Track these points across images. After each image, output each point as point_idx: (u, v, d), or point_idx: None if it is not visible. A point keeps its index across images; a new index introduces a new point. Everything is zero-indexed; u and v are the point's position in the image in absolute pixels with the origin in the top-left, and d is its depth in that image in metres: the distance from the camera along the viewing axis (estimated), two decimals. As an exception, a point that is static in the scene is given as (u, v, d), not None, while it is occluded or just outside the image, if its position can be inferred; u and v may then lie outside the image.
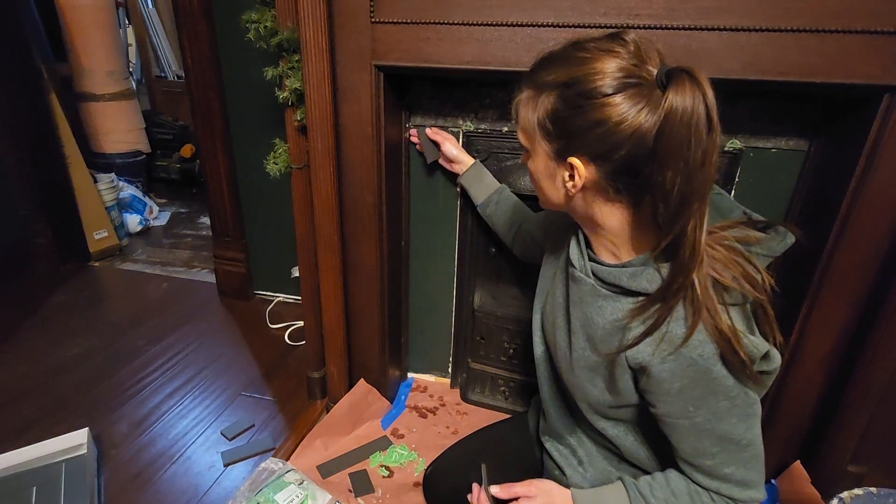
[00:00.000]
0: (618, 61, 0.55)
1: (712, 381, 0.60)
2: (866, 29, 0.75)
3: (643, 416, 0.72)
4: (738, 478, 0.66)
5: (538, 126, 0.62)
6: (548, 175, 0.65)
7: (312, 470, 1.15)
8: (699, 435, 0.64)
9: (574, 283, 0.74)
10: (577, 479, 0.85)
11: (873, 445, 1.02)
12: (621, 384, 0.69)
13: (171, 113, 3.41)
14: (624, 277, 0.65)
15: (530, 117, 0.62)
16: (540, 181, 0.67)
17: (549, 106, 0.60)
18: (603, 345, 0.69)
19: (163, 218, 2.80)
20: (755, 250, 0.64)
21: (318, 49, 0.95)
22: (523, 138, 0.66)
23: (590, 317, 0.71)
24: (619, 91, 0.54)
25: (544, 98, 0.60)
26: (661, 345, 0.61)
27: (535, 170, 0.67)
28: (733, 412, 0.62)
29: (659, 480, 0.71)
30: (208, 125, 1.65)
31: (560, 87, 0.58)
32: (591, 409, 0.79)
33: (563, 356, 0.79)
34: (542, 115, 0.61)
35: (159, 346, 1.64)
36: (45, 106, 2.03)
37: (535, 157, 0.65)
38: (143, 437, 1.27)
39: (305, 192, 1.12)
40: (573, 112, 0.57)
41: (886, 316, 0.87)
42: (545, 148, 0.63)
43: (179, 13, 1.53)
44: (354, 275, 1.20)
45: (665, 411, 0.65)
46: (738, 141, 1.01)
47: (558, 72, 0.58)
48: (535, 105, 0.61)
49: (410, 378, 1.50)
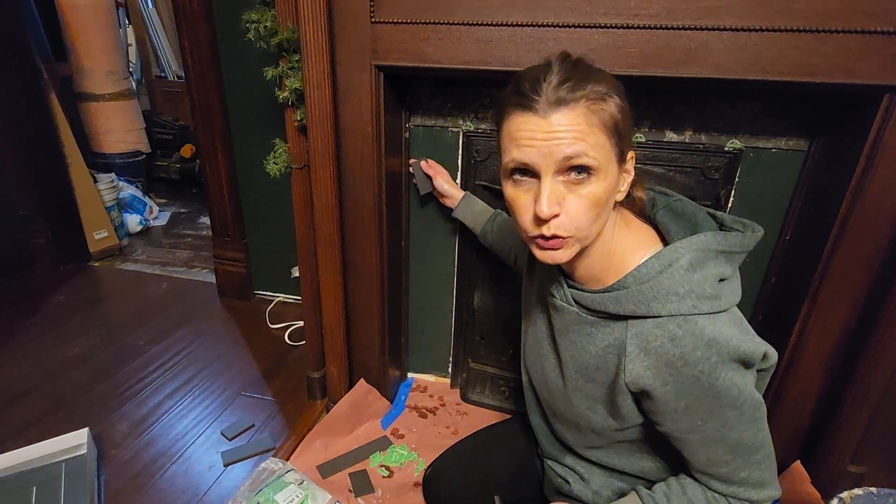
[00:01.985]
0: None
1: (716, 395, 0.60)
2: (866, 29, 0.75)
3: (649, 432, 0.71)
4: (754, 480, 0.66)
5: (615, 131, 0.57)
6: (613, 189, 0.59)
7: (312, 470, 1.15)
8: (711, 446, 0.64)
9: (556, 312, 0.73)
10: (580, 488, 0.84)
11: (873, 445, 1.02)
12: (625, 409, 0.68)
13: (171, 113, 3.41)
14: (609, 304, 0.63)
15: (606, 124, 0.57)
16: (606, 203, 0.59)
17: (612, 111, 0.57)
18: (599, 373, 0.68)
19: (163, 218, 2.80)
20: (734, 250, 0.63)
21: (318, 49, 0.95)
22: (597, 154, 0.56)
23: (580, 345, 0.69)
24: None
25: (610, 102, 0.57)
26: (661, 368, 0.60)
27: (601, 190, 0.57)
28: (741, 419, 0.62)
29: (675, 489, 0.70)
30: (208, 125, 1.65)
31: (609, 92, 0.57)
32: (590, 441, 0.79)
33: (554, 388, 0.78)
34: (608, 121, 0.57)
35: (159, 346, 1.64)
36: (45, 106, 2.03)
37: (606, 172, 0.57)
38: (143, 437, 1.27)
39: (305, 192, 1.12)
40: (626, 111, 0.59)
41: (886, 316, 0.87)
42: (615, 154, 0.58)
43: (179, 13, 1.53)
44: (354, 275, 1.20)
45: (673, 428, 0.65)
46: (738, 141, 1.01)
47: (601, 81, 0.57)
48: (605, 112, 0.56)
49: (410, 378, 1.50)
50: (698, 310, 0.58)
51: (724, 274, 0.61)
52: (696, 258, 0.60)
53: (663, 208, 0.69)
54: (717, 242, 0.61)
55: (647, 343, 0.61)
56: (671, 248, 0.61)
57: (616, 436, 0.75)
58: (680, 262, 0.60)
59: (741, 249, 0.63)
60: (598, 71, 0.59)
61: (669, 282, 0.59)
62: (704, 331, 0.57)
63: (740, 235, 0.63)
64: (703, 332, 0.57)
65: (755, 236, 0.64)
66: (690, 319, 0.58)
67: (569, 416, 0.78)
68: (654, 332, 0.60)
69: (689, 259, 0.60)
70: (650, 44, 0.83)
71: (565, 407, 0.78)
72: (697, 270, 0.60)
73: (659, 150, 1.04)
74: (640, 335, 0.61)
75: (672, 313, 0.59)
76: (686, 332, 0.58)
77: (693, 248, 0.60)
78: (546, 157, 0.56)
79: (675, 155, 1.04)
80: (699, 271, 0.60)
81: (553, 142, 0.55)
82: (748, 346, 0.59)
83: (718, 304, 0.59)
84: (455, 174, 1.22)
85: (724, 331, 0.58)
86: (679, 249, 0.60)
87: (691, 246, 0.61)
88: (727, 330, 0.58)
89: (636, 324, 0.62)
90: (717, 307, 0.59)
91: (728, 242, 0.62)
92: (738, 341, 0.58)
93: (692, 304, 0.58)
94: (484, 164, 1.17)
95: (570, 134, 0.55)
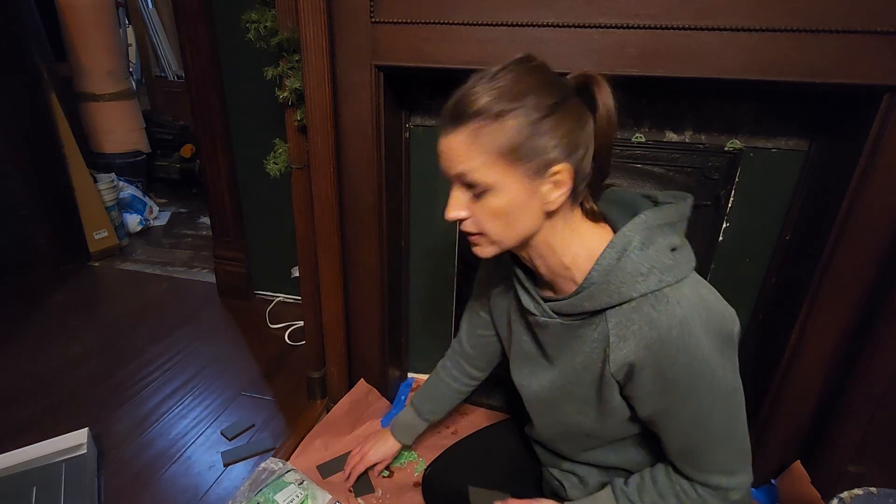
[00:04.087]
0: (545, 76, 0.60)
1: (692, 375, 0.61)
2: (866, 29, 0.75)
3: (640, 426, 0.73)
4: (725, 468, 0.67)
5: (510, 152, 0.59)
6: (523, 201, 0.61)
7: (312, 470, 1.14)
8: (686, 432, 0.66)
9: (541, 329, 0.75)
10: (577, 493, 0.85)
11: (873, 445, 1.02)
12: (613, 403, 0.69)
13: (171, 113, 3.41)
14: (585, 303, 0.65)
15: (495, 146, 0.58)
16: (511, 214, 0.62)
17: (508, 131, 0.58)
18: (587, 371, 0.70)
19: (163, 218, 2.80)
20: (673, 220, 0.65)
21: (318, 49, 0.95)
22: (483, 175, 0.60)
23: (574, 349, 0.71)
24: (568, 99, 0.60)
25: (506, 123, 0.58)
26: (640, 351, 0.62)
27: (503, 203, 0.61)
28: (716, 406, 0.63)
29: (647, 482, 0.73)
30: (208, 125, 1.65)
31: (512, 109, 0.58)
32: (584, 444, 0.80)
33: (547, 399, 0.79)
34: (502, 142, 0.58)
35: (159, 346, 1.64)
36: (45, 106, 2.03)
37: (503, 188, 0.60)
38: (143, 437, 1.27)
39: (305, 192, 1.11)
40: (539, 128, 0.58)
41: (886, 316, 0.87)
42: (521, 171, 0.60)
43: (179, 13, 1.53)
44: (354, 275, 1.20)
45: (651, 412, 0.66)
46: (738, 141, 1.01)
47: (506, 98, 0.58)
48: (498, 133, 0.58)
49: (410, 378, 1.50)
50: (665, 282, 0.60)
51: (674, 244, 0.64)
52: (645, 237, 0.62)
53: (603, 201, 0.71)
54: (657, 218, 0.64)
55: (626, 329, 0.63)
56: (620, 235, 0.63)
57: (608, 435, 0.76)
58: (633, 244, 0.62)
59: (679, 218, 0.66)
60: (521, 81, 0.59)
61: (630, 264, 0.61)
62: (676, 309, 0.59)
63: (674, 206, 0.66)
64: (676, 312, 0.59)
65: (686, 203, 0.67)
66: (660, 295, 0.60)
67: (559, 427, 0.81)
68: (632, 316, 0.62)
69: (639, 239, 0.62)
70: (650, 44, 0.83)
71: (556, 418, 0.80)
72: (650, 247, 0.62)
73: (659, 150, 1.04)
74: (620, 323, 0.63)
75: (643, 292, 0.61)
76: (661, 314, 0.60)
77: (638, 229, 0.63)
78: (446, 170, 0.63)
79: (675, 155, 1.04)
80: (652, 247, 0.62)
81: (445, 160, 0.62)
82: (720, 313, 0.62)
83: (680, 271, 0.62)
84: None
85: (693, 304, 0.60)
86: (627, 234, 0.63)
87: (636, 227, 0.63)
88: (695, 300, 0.61)
89: (614, 313, 0.64)
90: (680, 275, 0.61)
91: (666, 215, 0.65)
92: (708, 311, 0.61)
93: (657, 278, 0.60)
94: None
95: (454, 155, 0.61)
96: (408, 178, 1.25)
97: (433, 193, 1.25)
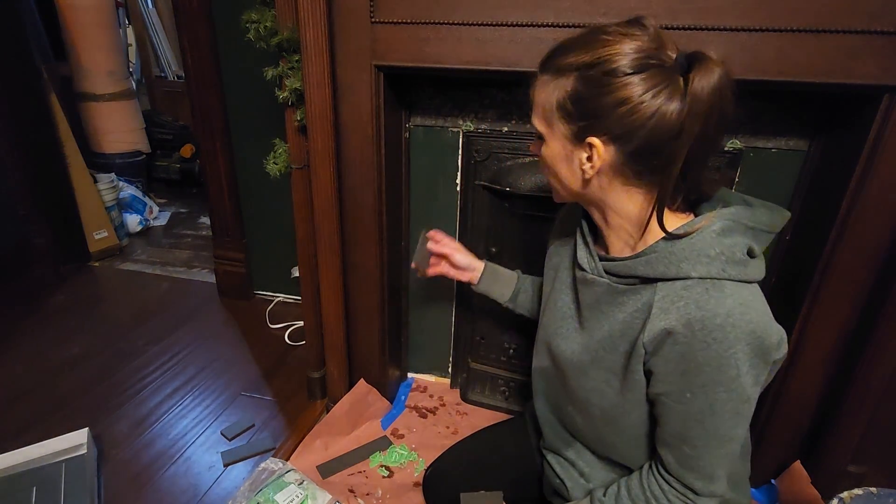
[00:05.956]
0: (638, 43, 0.57)
1: (718, 367, 0.59)
2: (866, 29, 0.75)
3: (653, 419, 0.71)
4: (708, 471, 0.66)
5: (557, 108, 0.62)
6: (564, 158, 0.66)
7: (312, 470, 1.15)
8: (688, 422, 0.64)
9: (585, 286, 0.74)
10: (578, 493, 0.84)
11: (873, 445, 1.02)
12: (637, 375, 0.67)
13: (171, 113, 3.41)
14: (640, 267, 0.64)
15: (549, 100, 0.63)
16: (555, 166, 0.67)
17: (569, 87, 0.61)
18: (622, 339, 0.68)
19: (163, 218, 2.80)
20: (758, 227, 0.64)
21: (318, 49, 0.95)
22: (540, 123, 0.66)
23: (610, 315, 0.70)
24: (641, 71, 0.56)
25: (564, 80, 0.61)
26: (678, 326, 0.60)
27: (551, 155, 0.67)
28: (727, 406, 0.61)
29: (622, 491, 0.73)
30: (208, 125, 1.65)
31: (581, 69, 0.59)
32: (597, 427, 0.78)
33: (573, 363, 0.77)
34: (561, 96, 0.62)
35: (159, 346, 1.64)
36: (44, 106, 2.03)
37: (551, 141, 0.66)
38: (143, 437, 1.27)
39: (305, 192, 1.12)
40: (595, 92, 0.59)
41: (887, 316, 0.87)
42: (563, 131, 0.63)
43: (179, 13, 1.53)
44: (354, 275, 1.20)
45: (664, 390, 0.65)
46: (738, 141, 1.01)
47: (579, 54, 0.60)
48: (554, 88, 0.62)
49: (410, 378, 1.50)
50: (727, 274, 0.59)
51: (752, 248, 0.62)
52: (727, 226, 0.61)
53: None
54: (746, 216, 0.63)
55: (671, 304, 0.61)
56: (702, 216, 0.63)
57: (622, 417, 0.73)
58: (712, 227, 0.61)
59: (768, 228, 0.65)
60: (598, 40, 0.59)
61: (701, 244, 0.60)
62: (728, 300, 0.58)
63: (768, 212, 0.65)
64: (727, 303, 0.58)
65: (783, 216, 0.66)
66: (718, 284, 0.59)
67: (580, 394, 0.77)
68: (682, 293, 0.60)
69: (720, 225, 0.61)
70: (650, 44, 0.83)
71: (579, 384, 0.77)
72: (728, 237, 0.61)
73: (659, 150, 1.04)
74: (667, 297, 0.62)
75: (702, 275, 0.59)
76: (712, 298, 0.58)
77: (724, 217, 0.62)
78: None
79: (675, 155, 1.03)
80: (729, 238, 0.61)
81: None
82: (768, 325, 0.59)
83: (747, 272, 0.60)
84: (455, 174, 1.22)
85: (748, 304, 0.58)
86: (710, 217, 0.62)
87: (722, 215, 0.62)
88: (751, 303, 0.59)
89: (665, 286, 0.62)
90: (745, 275, 0.60)
91: (756, 218, 0.64)
92: (759, 317, 0.58)
93: (721, 267, 0.59)
94: (484, 163, 1.17)
95: (533, 100, 0.67)
96: (408, 178, 1.25)
97: (433, 193, 1.25)
